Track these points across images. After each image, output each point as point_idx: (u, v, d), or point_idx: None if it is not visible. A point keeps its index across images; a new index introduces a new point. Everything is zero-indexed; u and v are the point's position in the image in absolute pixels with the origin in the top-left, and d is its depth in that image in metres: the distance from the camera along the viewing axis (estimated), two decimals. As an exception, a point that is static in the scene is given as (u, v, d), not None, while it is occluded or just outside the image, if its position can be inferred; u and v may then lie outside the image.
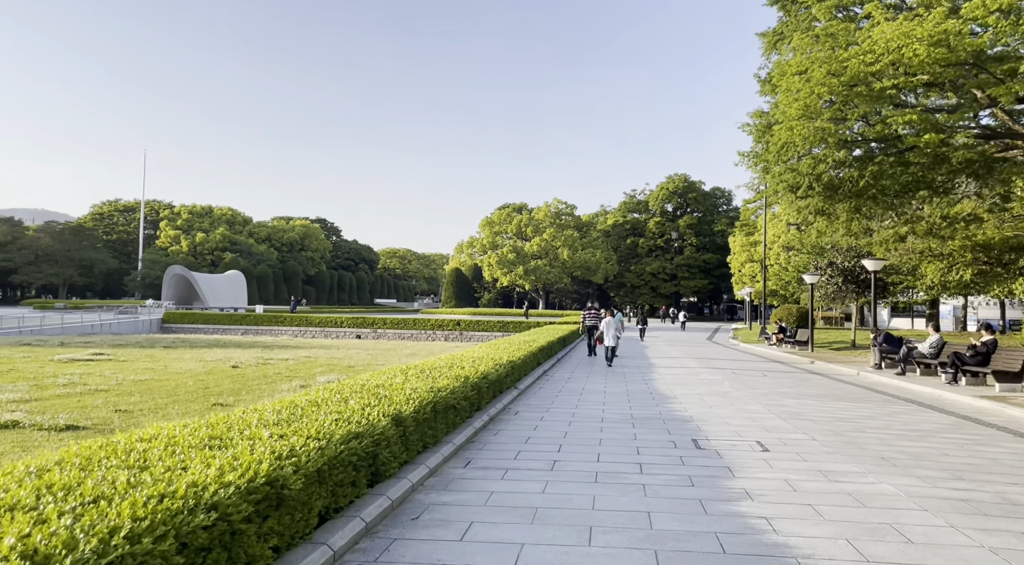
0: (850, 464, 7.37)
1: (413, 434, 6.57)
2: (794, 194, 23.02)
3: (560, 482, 6.40)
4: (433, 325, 44.72)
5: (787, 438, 8.85)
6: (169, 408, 12.55)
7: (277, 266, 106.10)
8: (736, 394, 13.61)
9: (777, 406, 11.93)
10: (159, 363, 21.55)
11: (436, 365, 10.46)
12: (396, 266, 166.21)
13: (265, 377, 18.36)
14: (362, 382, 7.97)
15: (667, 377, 16.96)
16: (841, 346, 31.22)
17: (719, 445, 8.32)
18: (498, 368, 11.56)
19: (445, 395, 7.82)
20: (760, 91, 25.20)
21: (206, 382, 16.81)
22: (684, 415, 10.72)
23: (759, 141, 23.37)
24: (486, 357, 12.85)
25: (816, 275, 28.38)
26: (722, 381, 16.18)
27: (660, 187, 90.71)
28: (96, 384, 15.61)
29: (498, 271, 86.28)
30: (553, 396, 12.92)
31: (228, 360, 22.96)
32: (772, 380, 16.79)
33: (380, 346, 35.68)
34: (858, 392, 14.65)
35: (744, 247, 70.23)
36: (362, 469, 5.27)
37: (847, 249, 29.97)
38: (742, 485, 6.38)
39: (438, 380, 8.59)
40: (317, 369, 20.85)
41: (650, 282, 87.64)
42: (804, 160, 20.98)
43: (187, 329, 45.93)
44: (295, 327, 45.81)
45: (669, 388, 14.53)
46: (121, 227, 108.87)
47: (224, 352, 27.16)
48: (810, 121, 19.34)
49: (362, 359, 25.43)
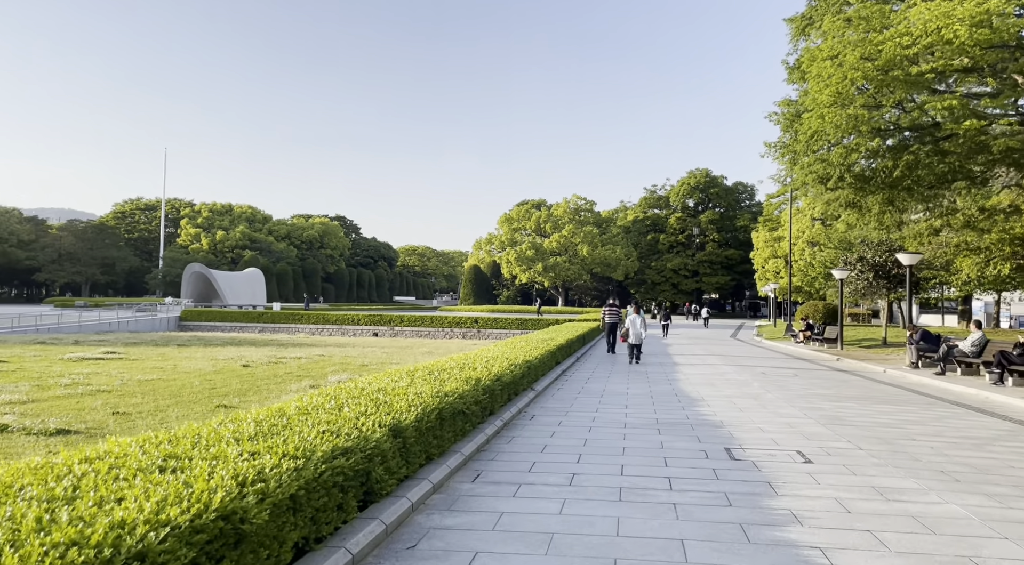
0: (906, 479, 6.56)
1: (415, 445, 5.87)
2: (824, 185, 22.08)
3: (579, 501, 5.67)
4: (450, 323, 44.12)
5: (830, 447, 8.04)
6: (169, 411, 11.99)
7: (296, 264, 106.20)
8: (768, 396, 12.78)
9: (814, 409, 11.10)
10: (169, 362, 21.10)
11: (446, 366, 9.77)
12: (415, 263, 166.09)
13: (275, 377, 17.81)
14: (362, 386, 7.29)
15: (692, 377, 16.15)
16: (872, 344, 30.13)
17: (755, 455, 7.54)
18: (513, 369, 10.84)
19: (453, 400, 7.11)
20: (788, 79, 24.22)
21: (214, 382, 16.28)
22: (714, 420, 9.93)
23: (787, 131, 22.42)
24: (501, 357, 12.15)
25: (846, 270, 27.34)
26: (751, 382, 15.33)
27: (681, 182, 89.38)
28: (100, 384, 15.13)
29: (517, 268, 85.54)
30: (572, 398, 12.19)
31: (240, 359, 22.48)
32: (804, 380, 15.91)
33: (396, 344, 35.13)
34: (898, 393, 13.75)
35: (767, 243, 68.86)
36: (351, 490, 4.58)
37: (878, 243, 28.85)
38: (787, 505, 5.61)
39: (446, 383, 7.90)
40: (329, 368, 20.28)
41: (671, 278, 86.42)
42: (835, 150, 20.03)
43: (204, 327, 45.74)
44: (312, 325, 45.45)
45: (695, 389, 13.73)
46: (143, 225, 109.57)
47: (237, 350, 26.72)
48: (842, 108, 18.40)
49: (377, 358, 24.85)
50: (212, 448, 4.12)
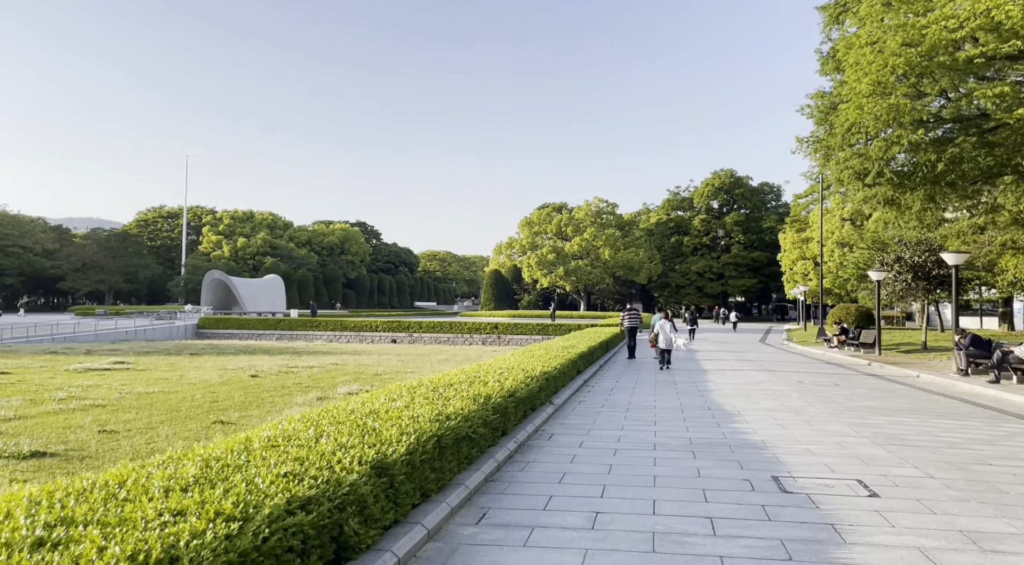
0: (998, 519, 5.47)
1: (406, 483, 4.91)
2: (861, 181, 20.81)
3: (604, 551, 4.67)
4: (470, 328, 43.21)
5: (895, 475, 6.94)
6: (161, 428, 11.15)
7: (317, 270, 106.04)
8: (811, 410, 11.64)
9: (865, 426, 9.96)
10: (176, 372, 20.38)
11: (454, 380, 8.80)
12: (436, 269, 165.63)
13: (283, 388, 16.98)
14: (351, 408, 6.34)
15: (725, 388, 15.03)
16: (910, 348, 28.70)
17: (809, 486, 6.47)
18: (529, 382, 9.85)
19: (456, 424, 6.14)
20: (820, 70, 22.98)
21: (217, 394, 15.48)
22: (754, 439, 8.85)
23: (821, 124, 21.19)
24: (516, 367, 11.16)
25: (883, 271, 25.98)
26: (789, 393, 14.18)
27: (705, 183, 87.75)
28: (97, 398, 14.37)
29: (538, 272, 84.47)
30: (595, 413, 11.16)
31: (250, 368, 21.71)
32: (846, 391, 14.72)
33: (414, 351, 34.28)
34: (953, 405, 12.53)
35: (795, 244, 67.18)
36: (315, 551, 3.62)
37: (916, 243, 27.43)
38: (862, 559, 4.56)
39: (451, 402, 6.93)
40: (341, 378, 19.42)
41: (696, 282, 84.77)
42: (874, 143, 18.78)
43: (221, 334, 45.26)
44: (330, 332, 44.79)
45: (729, 402, 12.63)
46: (165, 233, 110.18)
47: (249, 359, 26.01)
48: (882, 98, 17.18)
49: (392, 366, 23.99)
50: (127, 506, 3.18)
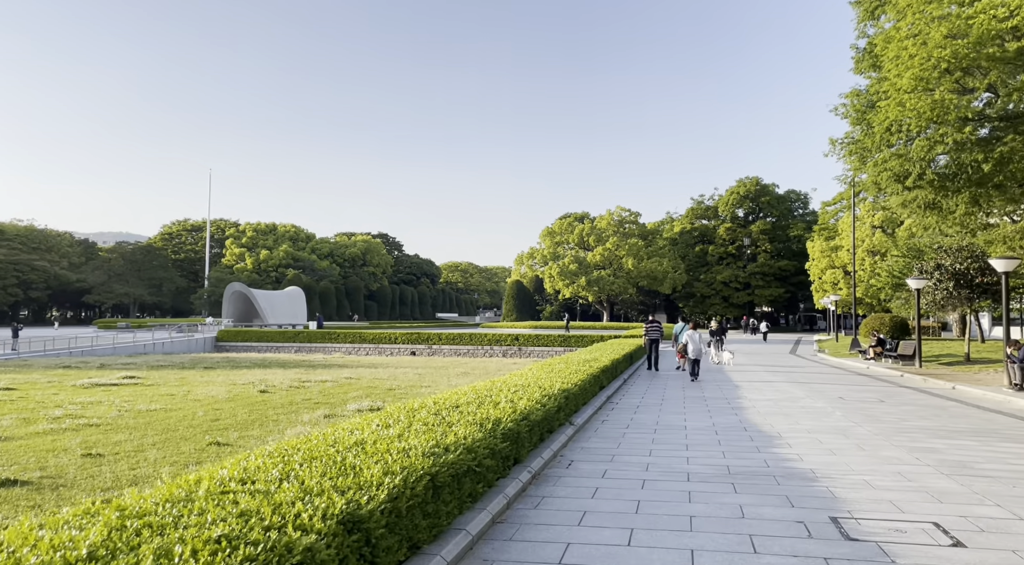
0: (1124, 582, 4.42)
1: (386, 538, 3.98)
2: (901, 184, 19.65)
3: (634, 628, 3.71)
4: (490, 340, 42.31)
5: (978, 516, 5.88)
6: (151, 451, 10.35)
7: (339, 282, 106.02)
8: (859, 431, 10.53)
9: (926, 451, 8.86)
10: (184, 388, 19.71)
11: (461, 400, 7.88)
12: (458, 280, 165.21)
13: (290, 405, 16.19)
14: (334, 439, 5.44)
15: (759, 404, 13.94)
16: (952, 360, 27.26)
17: (876, 530, 5.45)
18: (546, 401, 8.90)
19: (456, 457, 5.22)
20: (855, 68, 21.86)
21: (221, 412, 14.72)
22: (802, 468, 7.82)
23: (857, 124, 20.07)
24: (533, 384, 10.22)
25: (922, 279, 24.65)
26: (831, 411, 13.06)
27: (730, 191, 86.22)
28: (93, 417, 13.66)
29: (560, 282, 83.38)
30: (619, 435, 10.17)
31: (261, 383, 20.99)
32: (894, 409, 13.55)
33: (433, 364, 33.44)
34: (1018, 426, 11.35)
35: (824, 252, 65.50)
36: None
37: (957, 249, 26.06)
38: (966, 644, 3.55)
39: (454, 428, 6.02)
40: (353, 394, 18.61)
41: (721, 291, 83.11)
42: (916, 142, 17.64)
43: (240, 347, 44.81)
44: (348, 344, 44.16)
45: (767, 421, 11.56)
46: (189, 246, 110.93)
47: (263, 373, 25.32)
48: (926, 94, 16.06)
49: (408, 380, 23.14)
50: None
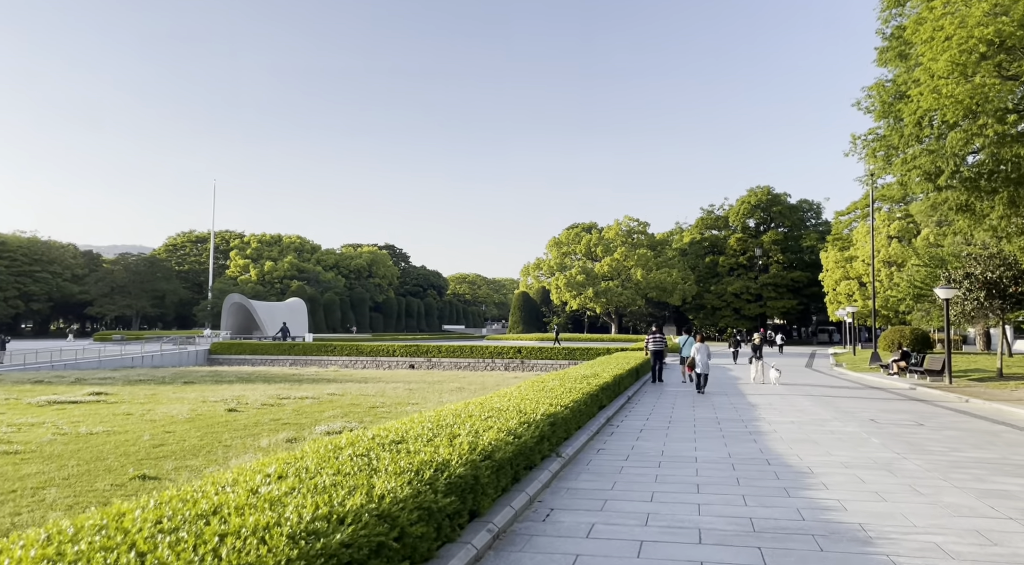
0: None
1: None
2: (932, 183, 17.89)
3: None
4: (492, 353, 40.58)
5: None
6: (54, 489, 8.69)
7: (344, 293, 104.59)
8: (907, 466, 8.76)
9: (999, 497, 7.09)
10: (148, 406, 18.10)
11: (411, 432, 6.19)
12: (465, 292, 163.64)
13: (255, 426, 14.54)
14: (186, 497, 3.76)
15: (781, 427, 12.17)
16: (983, 376, 25.37)
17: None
18: (522, 432, 7.20)
19: (351, 534, 3.54)
20: (878, 59, 20.15)
21: (170, 436, 13.08)
22: (848, 523, 6.07)
23: (883, 117, 18.34)
24: (513, 407, 8.53)
25: (952, 289, 22.82)
26: (866, 437, 11.27)
27: (740, 201, 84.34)
28: (19, 442, 12.05)
29: (567, 294, 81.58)
30: (616, 469, 8.45)
31: (234, 400, 19.36)
32: (938, 434, 11.75)
33: (429, 378, 31.75)
34: (1092, 458, 9.54)
35: (838, 263, 63.55)
36: None
37: (988, 256, 24.22)
38: None
39: (375, 479, 4.34)
40: (329, 413, 16.94)
41: (732, 303, 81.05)
42: (951, 135, 15.89)
43: (233, 360, 43.26)
44: (345, 356, 42.54)
45: (792, 450, 9.80)
46: (193, 258, 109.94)
47: (243, 389, 23.69)
48: (965, 78, 14.34)
49: (395, 397, 21.46)
50: None
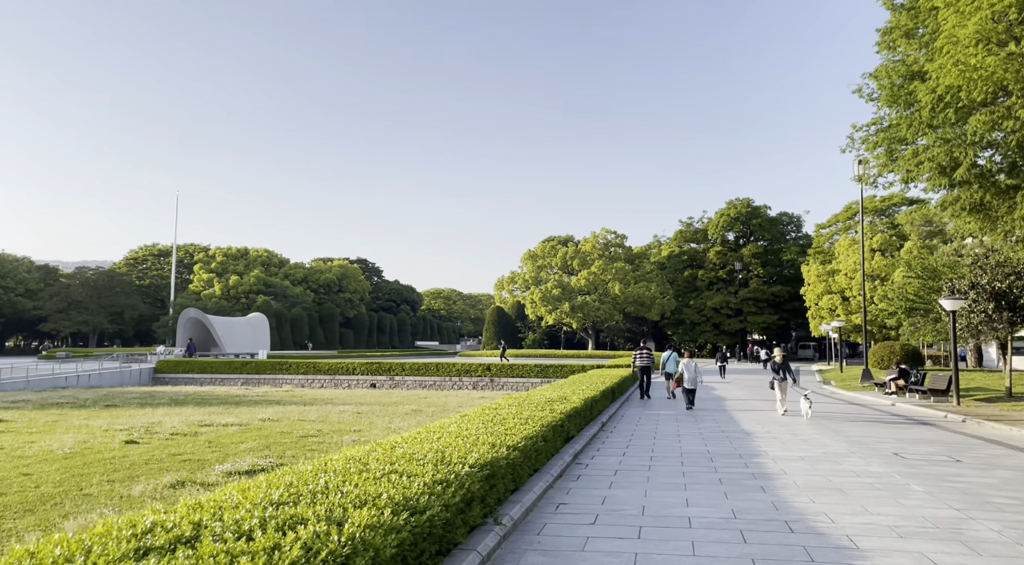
0: None
1: None
2: (947, 177, 15.71)
3: None
4: (459, 371, 37.89)
5: None
6: None
7: (313, 308, 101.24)
8: (983, 533, 6.31)
9: None
10: (34, 436, 15.25)
11: (207, 530, 3.63)
12: (440, 307, 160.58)
13: (145, 464, 11.81)
14: None
15: (790, 467, 9.72)
16: (989, 396, 23.30)
17: None
18: (428, 502, 4.64)
19: None
20: (879, 43, 18.03)
21: (24, 480, 10.34)
22: None
23: (891, 104, 16.15)
24: (432, 453, 5.96)
25: (958, 300, 20.69)
26: (902, 482, 8.84)
27: (719, 214, 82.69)
28: None
29: (542, 308, 79.10)
30: (577, 546, 5.90)
31: (141, 428, 16.56)
32: (986, 476, 9.36)
33: (387, 398, 29.01)
34: None
35: (820, 277, 61.83)
36: None
37: (996, 264, 22.18)
38: None
39: None
40: (247, 445, 14.24)
41: (712, 318, 79.09)
42: (974, 118, 13.71)
43: (180, 380, 40.12)
44: (302, 375, 39.61)
45: (816, 507, 7.33)
46: (155, 272, 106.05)
47: (164, 413, 20.83)
48: (999, 47, 12.17)
49: (339, 423, 18.75)
50: None
